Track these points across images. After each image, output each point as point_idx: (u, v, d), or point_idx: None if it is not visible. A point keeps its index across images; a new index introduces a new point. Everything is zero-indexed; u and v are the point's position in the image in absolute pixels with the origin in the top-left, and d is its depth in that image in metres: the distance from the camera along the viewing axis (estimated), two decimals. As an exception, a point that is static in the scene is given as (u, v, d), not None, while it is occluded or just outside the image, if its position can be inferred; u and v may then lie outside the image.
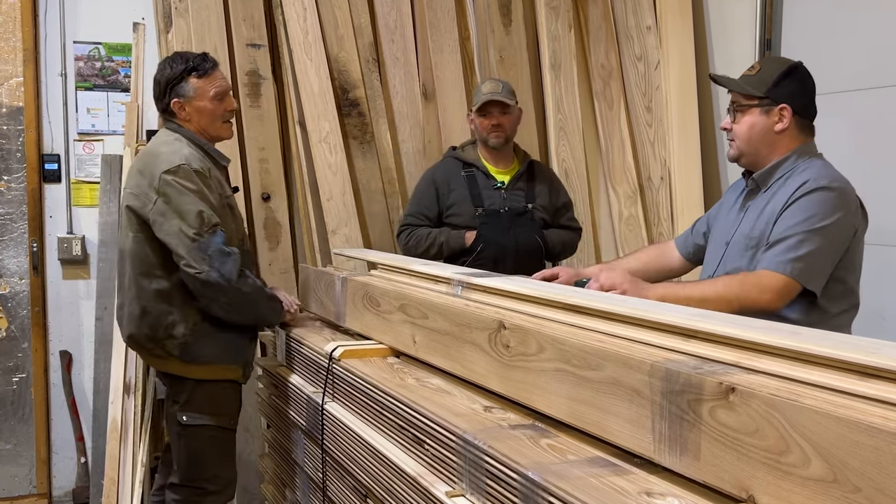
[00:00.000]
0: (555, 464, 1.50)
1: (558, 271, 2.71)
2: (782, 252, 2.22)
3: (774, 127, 2.35)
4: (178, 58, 2.96)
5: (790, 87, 2.35)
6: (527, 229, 3.52)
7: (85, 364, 4.52)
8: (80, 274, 4.55)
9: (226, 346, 2.92)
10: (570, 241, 3.69)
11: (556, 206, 3.66)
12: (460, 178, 3.57)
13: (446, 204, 3.56)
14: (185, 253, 2.73)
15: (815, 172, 2.30)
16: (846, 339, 1.35)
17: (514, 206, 3.53)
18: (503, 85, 3.56)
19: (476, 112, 3.55)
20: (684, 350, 1.48)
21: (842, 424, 1.08)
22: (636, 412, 1.44)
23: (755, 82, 2.37)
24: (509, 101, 3.53)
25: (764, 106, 2.36)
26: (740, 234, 2.40)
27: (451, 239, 3.49)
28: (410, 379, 2.21)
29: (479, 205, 3.52)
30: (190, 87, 2.92)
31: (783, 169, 2.36)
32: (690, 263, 2.76)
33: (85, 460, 4.46)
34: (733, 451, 1.25)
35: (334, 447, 2.43)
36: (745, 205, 2.46)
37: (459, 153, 3.65)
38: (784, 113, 2.34)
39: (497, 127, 3.52)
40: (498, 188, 3.56)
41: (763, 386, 1.23)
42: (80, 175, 4.53)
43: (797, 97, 2.36)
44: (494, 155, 3.60)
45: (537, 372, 1.72)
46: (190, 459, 2.94)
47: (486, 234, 3.47)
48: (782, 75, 2.35)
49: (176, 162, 2.79)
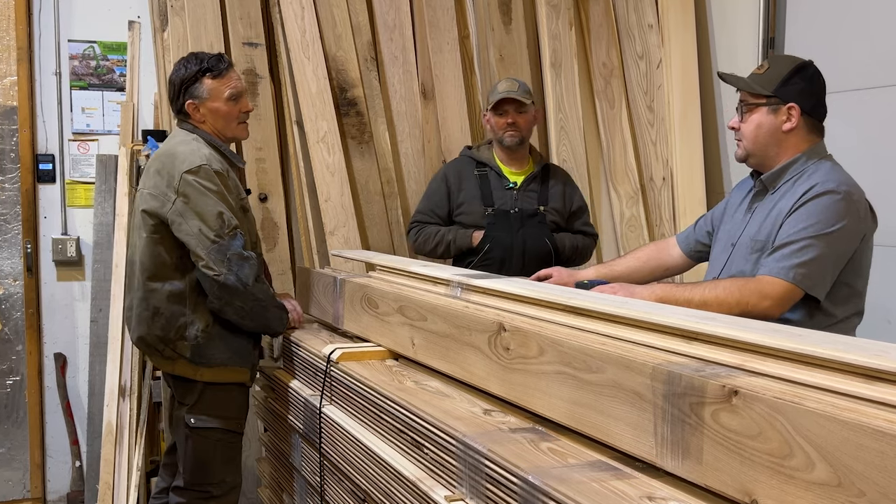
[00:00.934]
0: (556, 468, 1.50)
1: (552, 271, 2.71)
2: (785, 257, 2.21)
3: (782, 127, 2.34)
4: (193, 58, 2.97)
5: (799, 85, 2.34)
6: (536, 231, 3.50)
7: (79, 367, 4.52)
8: (75, 275, 4.55)
9: (236, 349, 2.93)
10: (585, 246, 3.66)
11: (571, 211, 3.64)
12: (473, 176, 3.57)
13: (456, 202, 3.56)
14: (205, 254, 2.74)
15: (823, 176, 2.28)
16: (850, 342, 1.35)
17: (526, 208, 3.52)
18: (520, 84, 3.55)
19: (491, 111, 3.55)
20: (686, 352, 1.48)
21: (846, 428, 1.08)
22: (638, 415, 1.44)
23: (763, 81, 2.36)
24: (525, 100, 3.52)
25: (772, 105, 2.34)
26: (746, 237, 2.39)
27: (459, 238, 3.49)
28: (409, 382, 2.21)
29: (489, 204, 3.51)
30: (204, 88, 2.93)
31: (792, 171, 2.35)
32: (691, 261, 2.76)
33: (80, 464, 4.45)
34: (736, 454, 1.24)
35: (332, 451, 2.43)
36: (752, 206, 2.45)
37: (474, 152, 3.65)
38: (792, 112, 2.33)
39: (512, 126, 3.51)
40: (510, 189, 3.55)
41: (766, 389, 1.23)
42: (75, 175, 4.53)
43: (806, 96, 2.34)
44: (509, 155, 3.59)
45: (538, 374, 1.72)
46: (197, 463, 2.94)
47: (493, 234, 3.46)
48: (791, 73, 2.34)
49: (197, 162, 2.80)
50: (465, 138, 4.15)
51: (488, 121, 3.60)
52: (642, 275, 2.82)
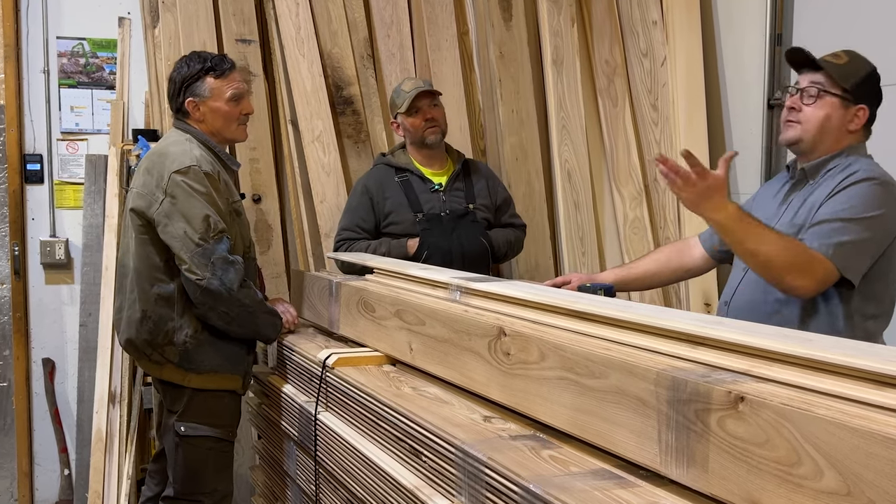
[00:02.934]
0: (557, 476, 1.50)
1: (571, 277, 2.70)
2: (825, 235, 2.20)
3: (849, 125, 2.36)
4: (196, 56, 3.00)
5: (873, 89, 2.37)
6: (470, 231, 3.48)
7: (68, 372, 4.52)
8: (64, 279, 4.55)
9: (227, 356, 2.92)
10: (516, 239, 3.65)
11: (497, 204, 3.63)
12: (394, 184, 3.50)
13: (383, 213, 3.48)
14: (188, 258, 2.75)
15: (864, 165, 2.32)
16: (861, 347, 1.35)
17: (455, 209, 3.49)
18: (423, 80, 3.57)
19: (404, 114, 3.50)
20: (692, 357, 1.48)
21: (856, 435, 1.08)
22: (642, 422, 1.44)
23: (843, 73, 2.35)
24: (437, 91, 3.51)
25: (846, 100, 2.35)
26: (782, 225, 2.36)
27: (393, 249, 3.41)
28: (407, 388, 2.21)
29: (417, 210, 3.46)
30: (206, 86, 2.95)
31: (834, 163, 2.37)
32: (714, 261, 2.73)
33: (68, 472, 4.45)
34: (743, 462, 1.24)
35: (328, 459, 2.42)
36: (789, 197, 2.44)
37: (390, 158, 3.58)
38: (861, 114, 2.36)
39: (431, 121, 3.49)
40: (436, 191, 3.51)
41: (774, 395, 1.23)
42: (64, 176, 4.53)
43: (875, 102, 2.38)
44: (428, 156, 3.56)
45: (539, 380, 1.72)
46: (187, 472, 2.94)
47: (429, 240, 3.41)
48: (868, 76, 2.37)
49: (186, 163, 2.81)
50: (464, 137, 4.15)
51: (400, 126, 3.56)
52: (662, 277, 2.81)
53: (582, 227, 4.17)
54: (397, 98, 3.54)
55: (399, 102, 3.51)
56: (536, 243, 4.15)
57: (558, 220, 4.17)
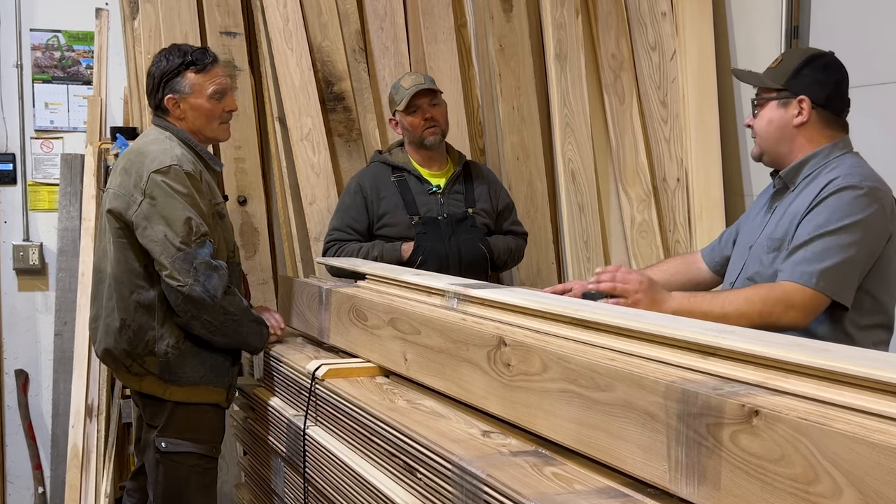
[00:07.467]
0: (560, 494, 1.50)
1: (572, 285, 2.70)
2: (807, 261, 2.21)
3: (793, 121, 2.36)
4: (176, 50, 2.98)
5: (810, 76, 2.35)
6: (469, 237, 3.48)
7: (43, 384, 4.52)
8: (38, 285, 4.55)
9: (211, 367, 2.92)
10: (517, 247, 3.66)
11: (499, 210, 3.63)
12: (390, 184, 3.50)
13: (377, 214, 3.48)
14: (169, 263, 2.74)
15: (844, 170, 2.29)
16: (882, 357, 1.35)
17: (454, 212, 3.48)
18: (424, 76, 3.56)
19: (403, 112, 3.50)
20: (703, 369, 1.48)
21: (877, 451, 1.08)
22: (650, 437, 1.44)
23: (775, 74, 2.39)
24: (438, 89, 3.51)
25: (782, 98, 2.37)
26: (764, 237, 2.40)
27: (386, 252, 3.40)
28: (401, 401, 2.21)
29: (413, 212, 3.46)
30: (186, 82, 2.94)
31: (811, 166, 2.36)
32: (718, 276, 2.76)
33: (43, 490, 4.45)
34: (757, 480, 1.24)
35: (317, 476, 2.42)
36: (773, 206, 2.46)
37: (387, 157, 3.58)
38: (803, 105, 2.35)
39: (431, 121, 3.48)
40: (434, 193, 3.51)
41: (790, 409, 1.23)
42: (38, 176, 4.53)
43: (818, 88, 2.35)
44: (427, 157, 3.56)
45: (541, 393, 1.72)
46: (168, 490, 2.93)
47: (424, 244, 3.41)
48: (802, 64, 2.36)
49: (167, 162, 2.81)
50: (461, 134, 4.15)
51: (398, 124, 3.56)
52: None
53: (586, 231, 4.18)
54: (396, 95, 3.54)
55: (397, 99, 3.51)
56: (538, 248, 4.15)
57: (561, 223, 4.18)
